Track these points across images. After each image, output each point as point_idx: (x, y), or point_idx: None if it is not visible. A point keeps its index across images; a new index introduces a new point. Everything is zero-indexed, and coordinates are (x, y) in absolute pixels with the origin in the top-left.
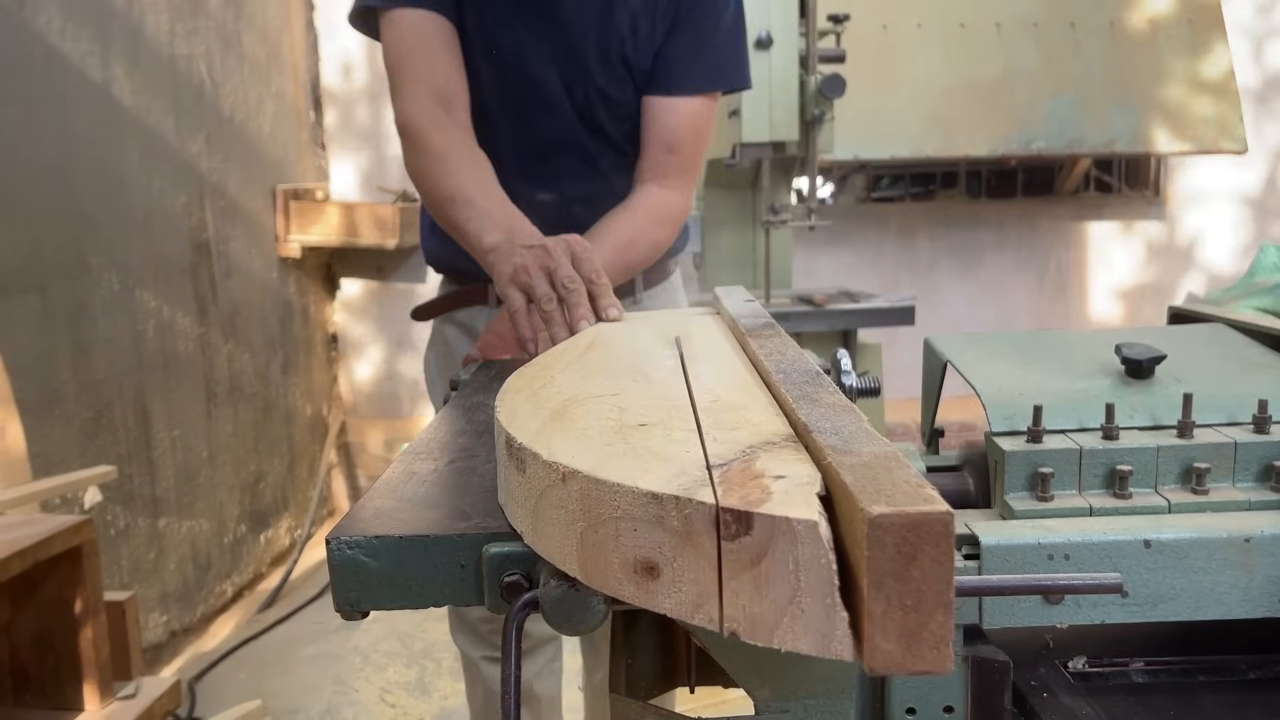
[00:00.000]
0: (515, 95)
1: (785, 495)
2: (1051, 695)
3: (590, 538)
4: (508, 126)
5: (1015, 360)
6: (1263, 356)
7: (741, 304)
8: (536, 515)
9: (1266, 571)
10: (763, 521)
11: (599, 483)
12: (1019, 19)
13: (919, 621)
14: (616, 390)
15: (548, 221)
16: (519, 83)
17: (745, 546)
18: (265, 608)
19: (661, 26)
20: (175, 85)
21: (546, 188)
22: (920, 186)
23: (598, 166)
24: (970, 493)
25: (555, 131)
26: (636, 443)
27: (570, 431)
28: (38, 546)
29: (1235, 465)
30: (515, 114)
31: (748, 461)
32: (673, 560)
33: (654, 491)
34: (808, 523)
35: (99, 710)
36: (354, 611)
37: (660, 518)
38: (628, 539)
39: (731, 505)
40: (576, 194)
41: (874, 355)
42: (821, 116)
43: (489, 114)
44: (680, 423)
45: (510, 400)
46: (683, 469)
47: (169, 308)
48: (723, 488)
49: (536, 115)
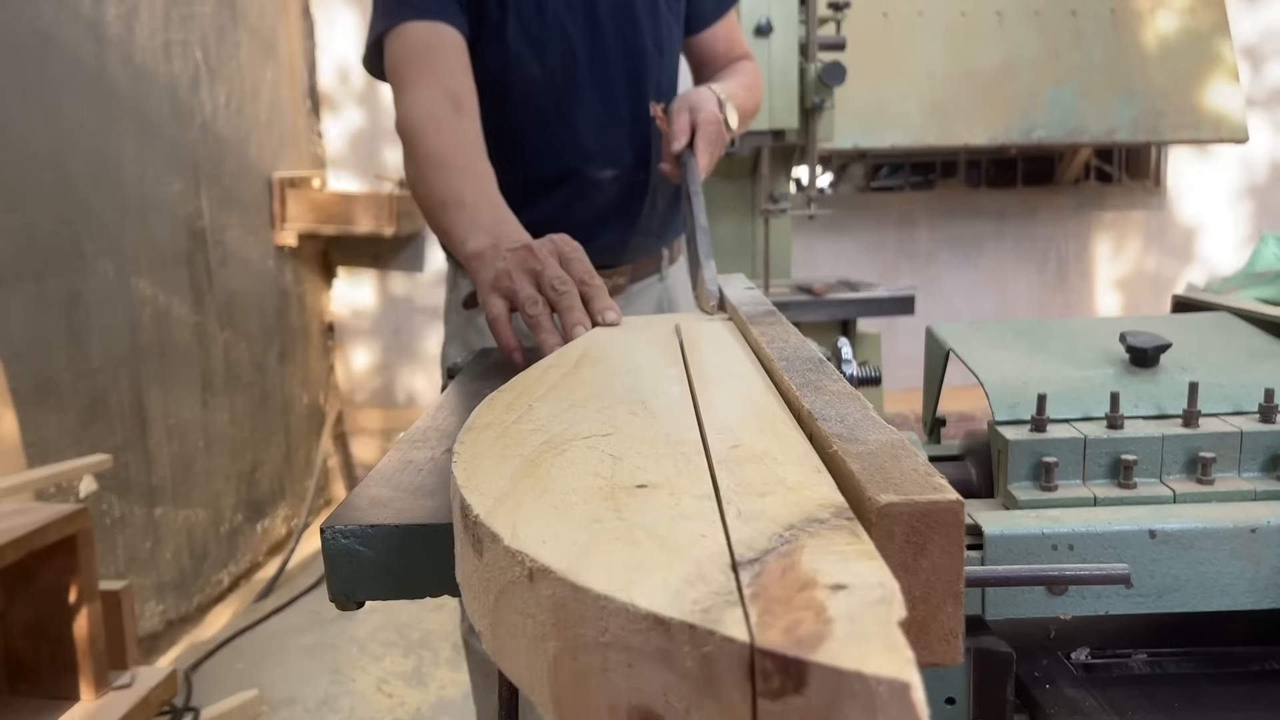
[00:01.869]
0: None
1: (853, 626)
2: (1054, 686)
3: (567, 665)
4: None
5: (1019, 349)
6: (1268, 345)
7: (742, 291)
8: (496, 617)
9: (1272, 562)
10: (822, 675)
11: (579, 590)
12: (1020, 7)
13: (928, 613)
14: (609, 428)
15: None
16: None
17: (794, 710)
18: (262, 597)
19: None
20: (170, 72)
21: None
22: (920, 176)
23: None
24: (973, 482)
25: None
26: (633, 517)
27: (545, 497)
28: (33, 535)
29: (1241, 455)
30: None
31: (789, 556)
32: (685, 716)
33: (657, 613)
34: (894, 684)
35: (94, 700)
36: (349, 602)
37: (667, 652)
38: (619, 676)
39: (773, 647)
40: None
41: (873, 345)
42: (821, 104)
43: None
44: (691, 483)
45: (474, 443)
46: (698, 569)
47: (164, 296)
48: (758, 608)
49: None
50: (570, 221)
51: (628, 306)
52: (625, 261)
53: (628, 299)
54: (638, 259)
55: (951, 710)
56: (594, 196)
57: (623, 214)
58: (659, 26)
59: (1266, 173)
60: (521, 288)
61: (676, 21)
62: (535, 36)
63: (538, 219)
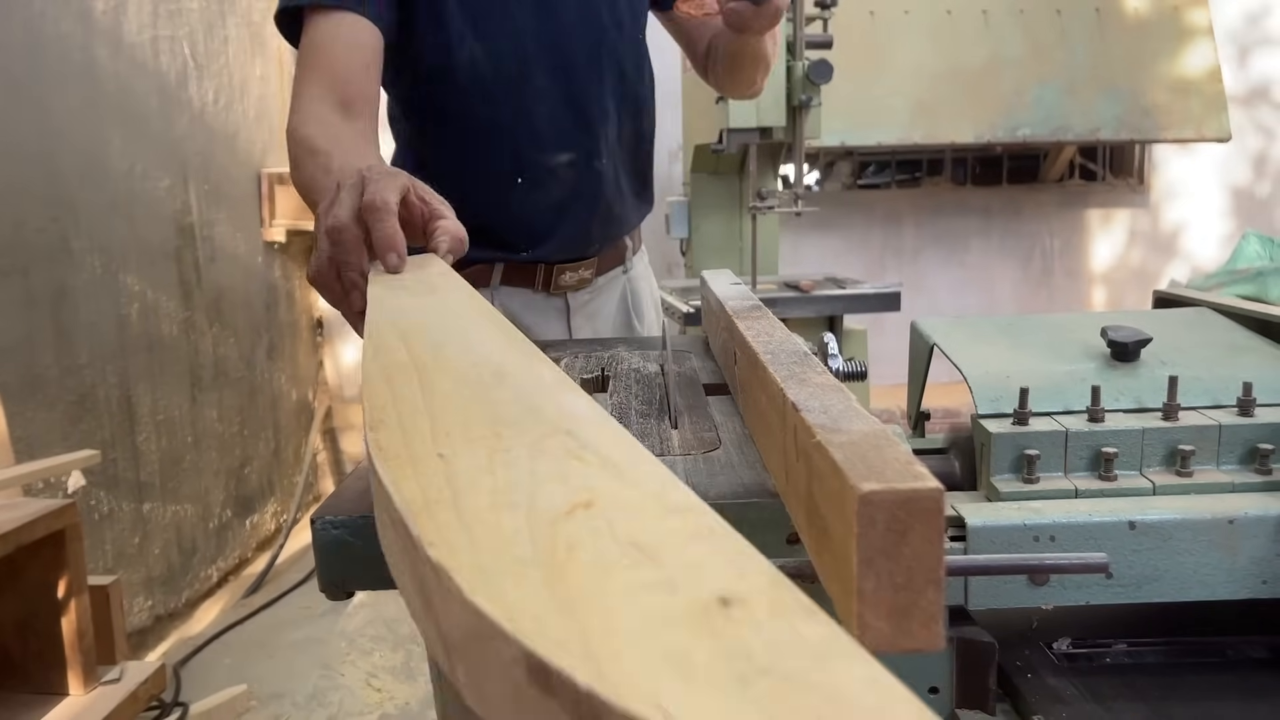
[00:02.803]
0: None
1: None
2: (1036, 676)
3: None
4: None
5: (1001, 343)
6: (1247, 340)
7: (728, 286)
8: None
9: (1250, 553)
10: None
11: None
12: (1006, 6)
13: (910, 599)
14: (582, 492)
15: None
16: None
17: None
18: (251, 593)
19: None
20: (158, 68)
21: None
22: (906, 173)
23: None
24: (956, 475)
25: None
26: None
27: (638, 643)
28: (20, 530)
29: (1220, 448)
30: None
31: None
32: None
33: None
34: None
35: (83, 695)
36: (339, 592)
37: None
38: None
39: None
40: None
41: (859, 341)
42: (809, 102)
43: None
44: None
45: (450, 543)
46: None
47: (153, 291)
48: None
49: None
50: (526, 214)
51: (593, 301)
52: (590, 254)
53: (593, 293)
54: (603, 250)
55: (935, 699)
56: (550, 186)
57: (583, 203)
58: (616, 3)
59: (1249, 170)
60: (336, 218)
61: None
62: (477, 15)
63: (491, 212)
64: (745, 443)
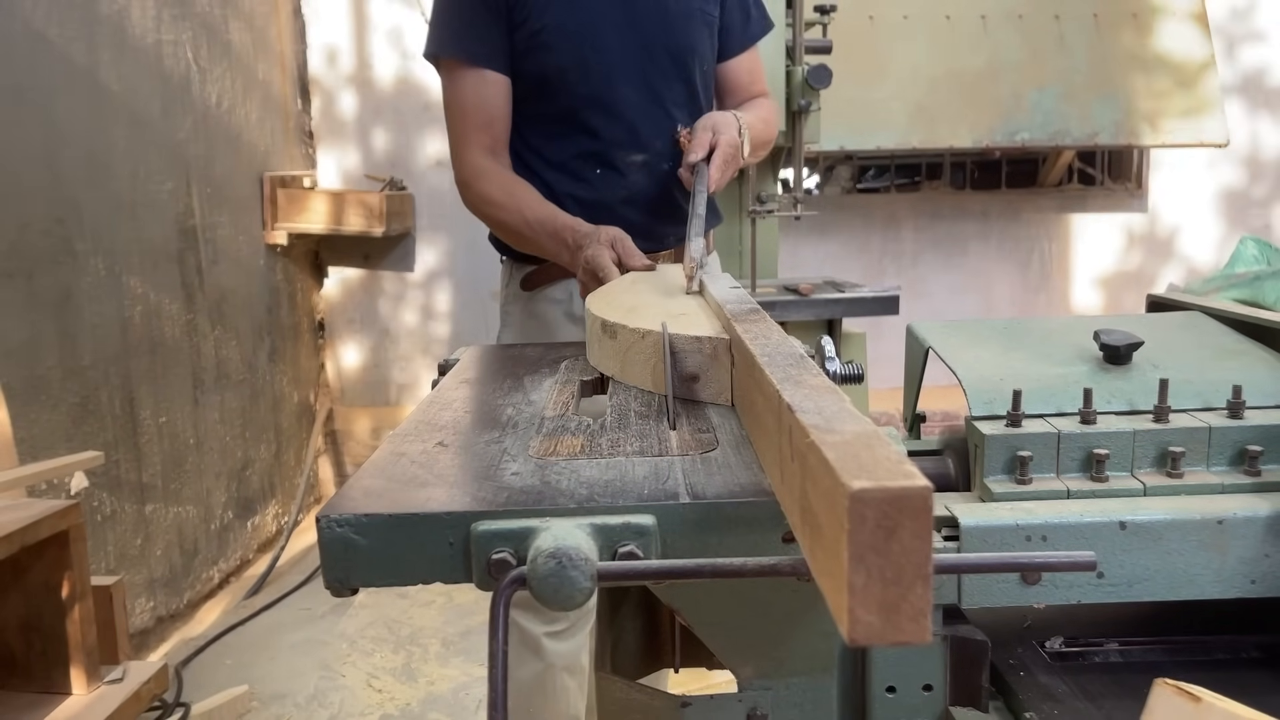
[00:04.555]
0: None
1: None
2: (1029, 674)
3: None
4: None
5: (995, 346)
6: (1237, 344)
7: (727, 290)
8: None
9: (1239, 553)
10: None
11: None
12: (1004, 11)
13: (899, 594)
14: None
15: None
16: None
17: None
18: (252, 594)
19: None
20: (161, 72)
21: None
22: (905, 177)
23: None
24: (950, 476)
25: None
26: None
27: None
28: (25, 531)
29: (1210, 449)
30: None
31: None
32: None
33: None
34: None
35: (86, 694)
36: (343, 589)
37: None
38: None
39: None
40: None
41: (858, 344)
42: (808, 106)
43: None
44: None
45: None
46: None
47: (155, 294)
48: None
49: None
50: (604, 203)
51: None
52: (665, 248)
53: None
54: (674, 245)
55: (928, 696)
56: (620, 183)
57: (649, 200)
58: (692, 32)
59: (1246, 175)
60: (598, 265)
61: (711, 35)
62: (569, 30)
63: (571, 200)
64: (742, 444)
